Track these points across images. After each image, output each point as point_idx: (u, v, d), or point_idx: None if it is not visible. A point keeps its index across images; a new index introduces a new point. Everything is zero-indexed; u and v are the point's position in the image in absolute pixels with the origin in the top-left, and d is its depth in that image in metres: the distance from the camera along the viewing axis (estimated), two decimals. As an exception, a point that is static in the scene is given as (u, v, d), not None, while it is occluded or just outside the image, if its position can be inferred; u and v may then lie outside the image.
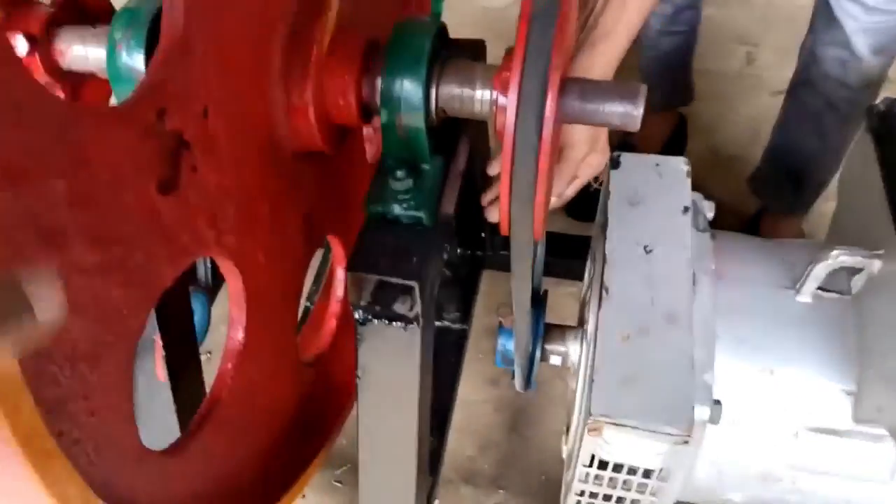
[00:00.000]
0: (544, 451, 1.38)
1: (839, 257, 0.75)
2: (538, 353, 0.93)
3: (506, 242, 0.65)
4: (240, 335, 0.67)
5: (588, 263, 1.02)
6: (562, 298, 1.50)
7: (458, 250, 1.27)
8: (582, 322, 1.00)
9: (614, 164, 0.92)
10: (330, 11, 0.66)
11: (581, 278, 1.12)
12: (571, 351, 0.95)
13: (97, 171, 0.47)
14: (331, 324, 0.94)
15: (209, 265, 1.07)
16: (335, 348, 0.93)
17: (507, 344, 0.91)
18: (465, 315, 1.21)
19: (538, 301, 0.95)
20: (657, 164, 0.92)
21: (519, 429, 1.42)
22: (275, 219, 0.69)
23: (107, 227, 0.49)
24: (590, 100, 0.64)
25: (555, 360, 0.95)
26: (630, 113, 0.64)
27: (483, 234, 1.22)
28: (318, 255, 1.04)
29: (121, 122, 0.50)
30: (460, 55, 0.68)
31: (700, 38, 1.74)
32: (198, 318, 0.96)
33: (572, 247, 1.27)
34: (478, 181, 0.97)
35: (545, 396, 1.46)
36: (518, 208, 0.60)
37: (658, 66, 1.69)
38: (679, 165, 0.92)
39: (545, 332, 0.94)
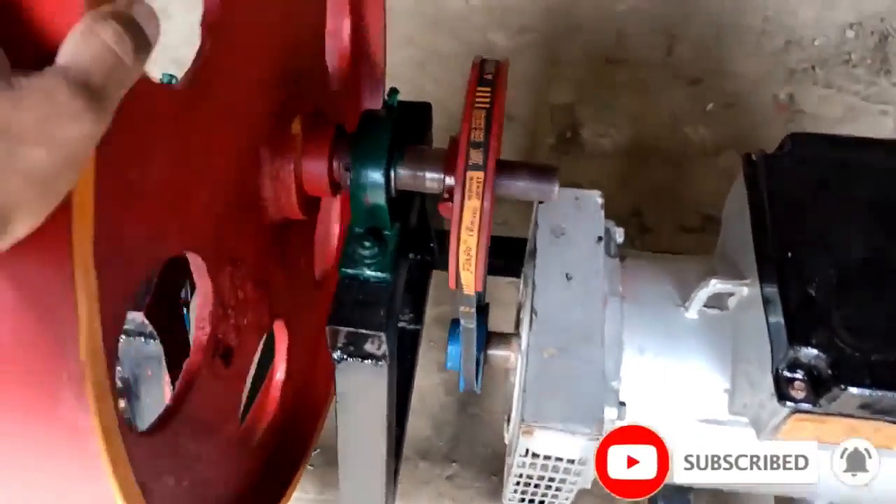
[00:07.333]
0: (490, 427, 1.58)
1: (716, 286, 0.95)
2: (482, 359, 1.12)
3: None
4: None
5: (522, 280, 1.20)
6: (502, 286, 1.69)
7: (410, 255, 1.43)
8: (518, 326, 1.18)
9: (540, 198, 1.08)
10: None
11: (515, 275, 1.29)
12: (511, 355, 1.13)
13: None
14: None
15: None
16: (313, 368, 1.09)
17: (456, 354, 1.09)
18: (419, 316, 1.38)
19: (482, 312, 1.13)
20: (576, 198, 1.09)
21: (467, 408, 1.62)
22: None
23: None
24: (516, 179, 0.80)
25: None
26: (549, 188, 0.81)
27: (431, 244, 1.38)
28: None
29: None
30: (413, 139, 0.83)
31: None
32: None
33: (509, 248, 1.44)
34: (426, 205, 1.13)
35: (488, 379, 1.65)
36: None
37: None
38: (595, 198, 1.10)
39: (487, 339, 1.12)
